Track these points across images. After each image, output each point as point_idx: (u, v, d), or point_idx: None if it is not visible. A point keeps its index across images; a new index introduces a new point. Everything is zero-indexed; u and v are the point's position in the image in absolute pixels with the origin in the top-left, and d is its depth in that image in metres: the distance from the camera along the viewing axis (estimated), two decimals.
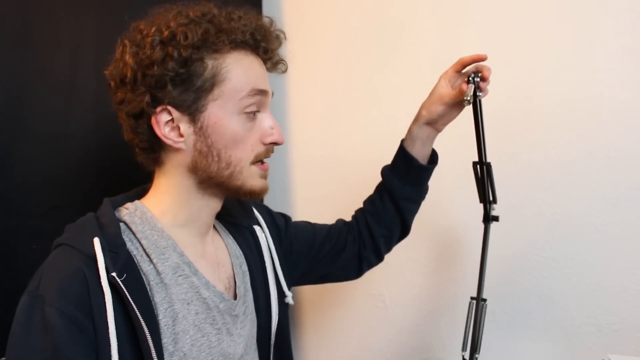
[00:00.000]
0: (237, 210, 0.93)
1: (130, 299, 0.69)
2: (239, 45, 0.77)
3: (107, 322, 0.68)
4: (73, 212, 0.77)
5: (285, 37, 0.85)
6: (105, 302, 0.68)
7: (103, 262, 0.69)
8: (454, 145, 1.08)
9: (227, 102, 0.75)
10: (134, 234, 0.75)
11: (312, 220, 1.06)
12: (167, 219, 0.78)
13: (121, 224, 0.76)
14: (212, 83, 0.74)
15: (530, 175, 1.13)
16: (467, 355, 0.90)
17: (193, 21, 0.74)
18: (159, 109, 0.74)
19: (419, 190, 1.00)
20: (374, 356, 1.32)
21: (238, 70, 0.76)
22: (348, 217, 1.07)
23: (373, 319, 1.32)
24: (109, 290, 0.69)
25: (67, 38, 1.01)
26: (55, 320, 0.66)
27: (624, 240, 1.05)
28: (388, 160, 1.00)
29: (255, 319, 0.88)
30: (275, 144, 0.81)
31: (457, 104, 0.91)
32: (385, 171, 1.01)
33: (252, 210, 0.96)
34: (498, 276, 1.16)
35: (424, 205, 1.03)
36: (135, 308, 0.69)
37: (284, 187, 1.45)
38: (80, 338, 0.67)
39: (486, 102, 0.89)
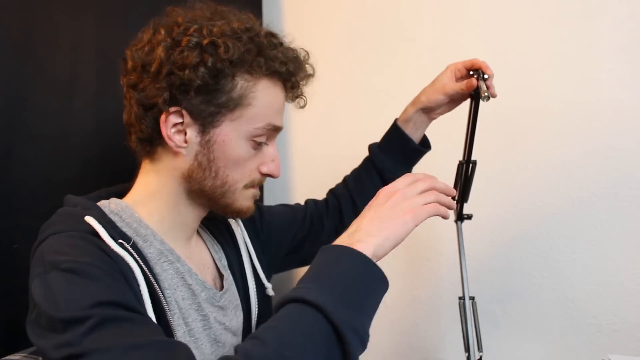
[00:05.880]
0: None
1: (142, 264, 0.68)
2: (272, 73, 0.75)
3: (137, 280, 0.66)
4: None
5: (314, 73, 0.84)
6: (128, 263, 0.66)
7: (105, 231, 0.67)
8: (450, 142, 1.08)
9: (241, 126, 0.74)
10: (113, 223, 0.72)
11: None
12: (153, 220, 0.76)
13: None
14: (235, 104, 0.73)
15: (530, 175, 1.13)
16: (468, 355, 0.90)
17: (236, 35, 0.72)
18: (173, 109, 0.72)
19: (409, 170, 1.01)
20: (374, 356, 1.32)
21: (264, 100, 0.75)
22: None
23: (373, 319, 1.32)
24: (125, 252, 0.67)
25: (67, 38, 1.01)
26: (79, 268, 0.61)
27: (624, 240, 1.05)
28: None
29: (241, 312, 0.88)
30: (271, 176, 0.80)
31: (456, 98, 0.92)
32: (375, 151, 1.00)
33: None
34: (498, 276, 1.16)
35: None
36: (148, 272, 0.68)
37: (284, 187, 1.44)
38: (116, 279, 0.63)
39: (486, 102, 0.89)
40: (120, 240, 0.68)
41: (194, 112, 0.72)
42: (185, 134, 0.74)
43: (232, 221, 0.92)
